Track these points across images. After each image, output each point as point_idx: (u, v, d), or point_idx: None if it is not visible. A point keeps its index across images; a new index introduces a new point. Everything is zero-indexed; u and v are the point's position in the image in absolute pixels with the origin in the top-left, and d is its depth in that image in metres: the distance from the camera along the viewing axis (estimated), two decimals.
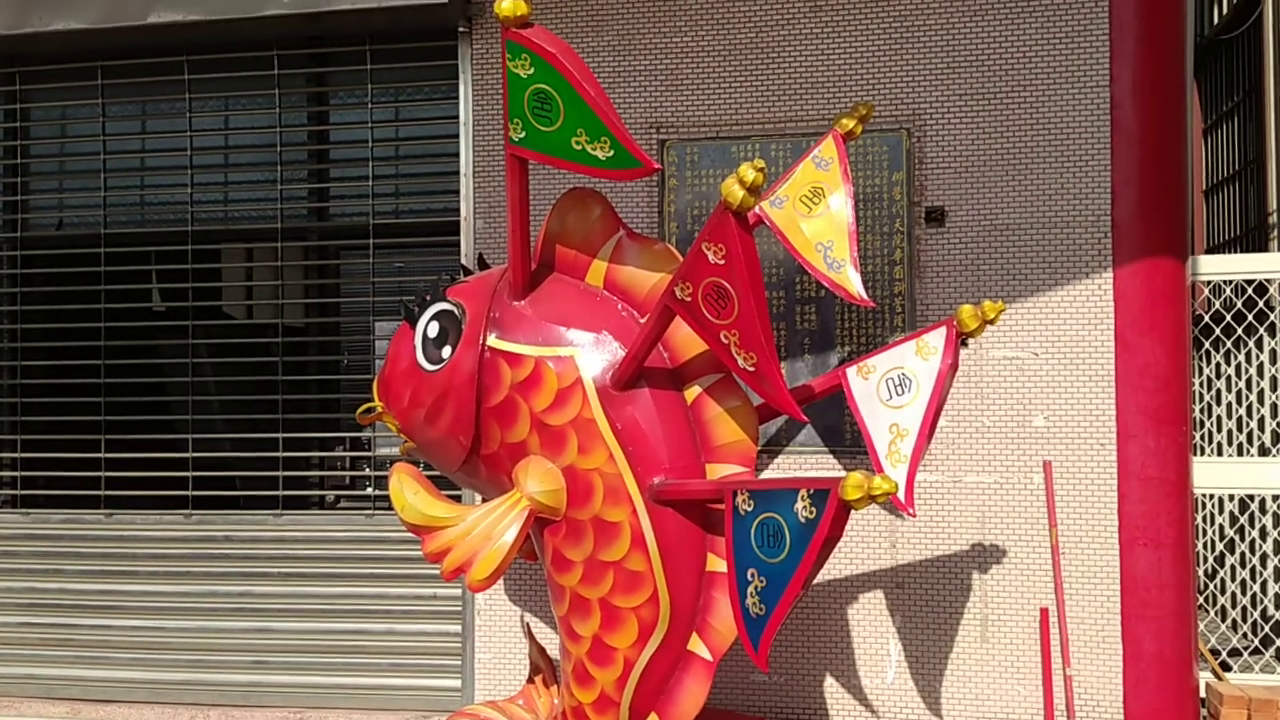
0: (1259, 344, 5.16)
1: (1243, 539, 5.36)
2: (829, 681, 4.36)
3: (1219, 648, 5.03)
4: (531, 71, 2.96)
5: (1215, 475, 4.41)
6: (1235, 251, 6.47)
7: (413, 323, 3.57)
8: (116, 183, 5.20)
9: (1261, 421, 5.12)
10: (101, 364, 5.09)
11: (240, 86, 5.03)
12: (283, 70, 4.95)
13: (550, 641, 4.22)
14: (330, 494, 5.59)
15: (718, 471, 3.27)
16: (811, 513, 2.68)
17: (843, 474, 2.62)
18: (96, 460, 5.08)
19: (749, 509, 2.85)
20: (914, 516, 4.24)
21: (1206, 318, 5.19)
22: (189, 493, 4.97)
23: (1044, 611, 4.17)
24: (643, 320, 3.26)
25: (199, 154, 5.10)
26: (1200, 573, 5.57)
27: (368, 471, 5.04)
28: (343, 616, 4.82)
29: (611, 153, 2.94)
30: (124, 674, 4.96)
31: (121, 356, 5.12)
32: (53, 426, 5.18)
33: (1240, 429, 5.19)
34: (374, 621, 4.80)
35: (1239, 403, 5.14)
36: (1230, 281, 4.81)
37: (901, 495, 3.26)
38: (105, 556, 5.02)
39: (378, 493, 4.82)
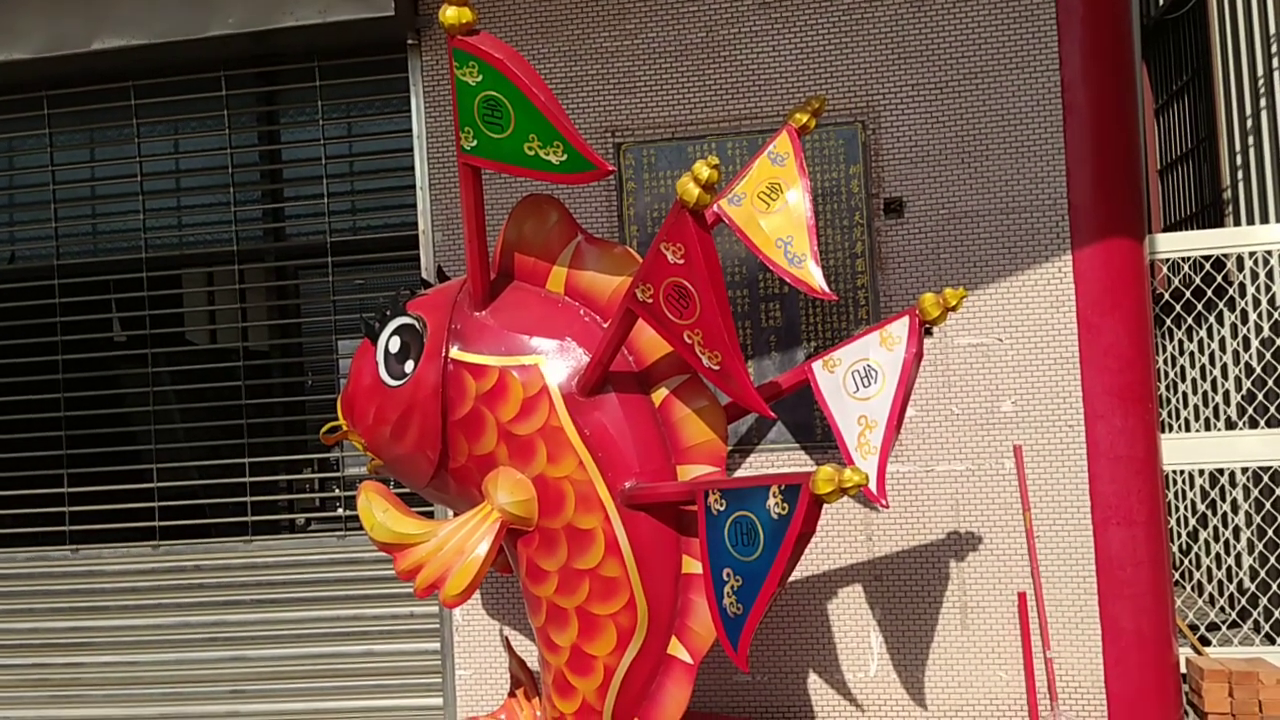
0: (1219, 319, 5.21)
1: (1214, 513, 5.41)
2: (812, 678, 4.35)
3: (1197, 622, 5.07)
4: (480, 79, 2.93)
5: (1184, 451, 4.45)
6: (1192, 229, 6.52)
7: (374, 339, 3.53)
8: (67, 213, 5.10)
9: (1226, 395, 5.17)
10: (61, 397, 5.00)
11: (189, 109, 4.97)
12: (231, 91, 4.89)
13: (530, 654, 4.18)
14: (300, 517, 5.52)
15: (689, 473, 3.25)
16: (784, 509, 2.66)
17: (814, 469, 2.60)
18: (60, 495, 4.99)
19: (721, 509, 2.84)
20: (887, 508, 4.22)
21: (1167, 295, 5.23)
22: (156, 523, 4.89)
23: (1022, 595, 4.18)
24: (605, 324, 3.24)
25: (150, 179, 5.03)
26: (1175, 549, 5.61)
27: (337, 492, 4.98)
28: (319, 640, 4.76)
29: (565, 157, 2.91)
30: (99, 711, 4.87)
31: (81, 388, 5.03)
32: (14, 463, 5.08)
33: (1206, 404, 5.24)
34: (351, 643, 4.74)
35: (1203, 378, 5.19)
36: (1188, 258, 4.86)
37: (873, 486, 3.27)
38: (74, 593, 4.94)
39: (348, 513, 4.76)
